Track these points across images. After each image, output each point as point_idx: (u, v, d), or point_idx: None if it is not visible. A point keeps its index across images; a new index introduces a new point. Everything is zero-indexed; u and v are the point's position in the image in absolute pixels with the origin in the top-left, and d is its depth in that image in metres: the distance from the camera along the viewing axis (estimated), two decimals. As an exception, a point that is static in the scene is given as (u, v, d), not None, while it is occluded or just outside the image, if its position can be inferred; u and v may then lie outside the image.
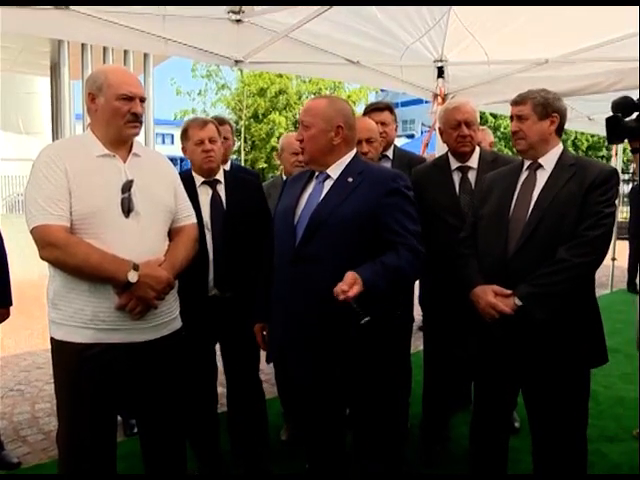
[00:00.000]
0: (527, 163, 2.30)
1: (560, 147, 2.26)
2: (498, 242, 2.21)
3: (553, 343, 2.11)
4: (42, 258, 1.94)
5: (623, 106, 2.32)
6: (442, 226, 2.82)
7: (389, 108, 3.20)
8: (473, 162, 2.87)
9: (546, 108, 2.21)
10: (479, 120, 2.95)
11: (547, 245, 2.11)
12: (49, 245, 1.89)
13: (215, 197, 2.67)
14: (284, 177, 3.22)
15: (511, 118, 2.29)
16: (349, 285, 1.89)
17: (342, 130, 2.16)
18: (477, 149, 2.91)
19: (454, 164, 2.90)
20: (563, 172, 2.17)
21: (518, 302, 2.10)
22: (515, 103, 2.27)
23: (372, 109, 3.20)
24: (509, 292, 2.14)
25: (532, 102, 2.22)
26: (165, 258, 2.08)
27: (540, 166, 2.25)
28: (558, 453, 2.20)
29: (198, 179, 2.66)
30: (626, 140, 2.37)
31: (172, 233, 2.20)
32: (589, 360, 2.18)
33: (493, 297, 2.15)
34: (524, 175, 2.29)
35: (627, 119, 2.32)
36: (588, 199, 2.09)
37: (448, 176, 2.89)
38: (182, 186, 2.30)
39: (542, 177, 2.23)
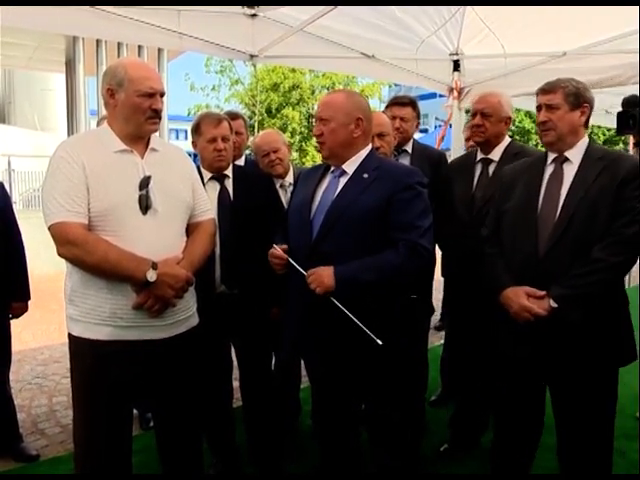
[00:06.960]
0: (552, 156, 2.19)
1: (586, 139, 2.17)
2: (527, 241, 2.12)
3: (584, 342, 2.03)
4: (60, 255, 1.93)
5: (633, 103, 2.52)
6: (452, 216, 2.83)
7: (412, 104, 3.12)
8: (495, 155, 2.82)
9: (578, 98, 2.11)
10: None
11: (579, 243, 2.01)
12: (67, 243, 1.88)
13: (223, 192, 2.64)
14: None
15: (538, 108, 2.17)
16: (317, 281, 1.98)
17: (362, 122, 2.15)
18: (505, 141, 2.84)
19: (479, 156, 2.88)
20: (592, 166, 2.07)
21: (553, 304, 2.01)
22: (544, 92, 2.15)
23: (394, 102, 3.13)
24: (542, 293, 2.04)
25: (564, 91, 2.10)
26: (183, 255, 2.07)
27: (567, 159, 2.14)
28: (586, 452, 2.14)
29: (206, 174, 2.63)
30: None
31: (190, 228, 2.19)
32: (620, 357, 2.11)
33: (526, 300, 2.06)
34: (550, 169, 2.18)
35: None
36: (621, 194, 1.99)
37: (470, 167, 2.88)
38: (200, 181, 2.29)
39: (570, 171, 2.12)
